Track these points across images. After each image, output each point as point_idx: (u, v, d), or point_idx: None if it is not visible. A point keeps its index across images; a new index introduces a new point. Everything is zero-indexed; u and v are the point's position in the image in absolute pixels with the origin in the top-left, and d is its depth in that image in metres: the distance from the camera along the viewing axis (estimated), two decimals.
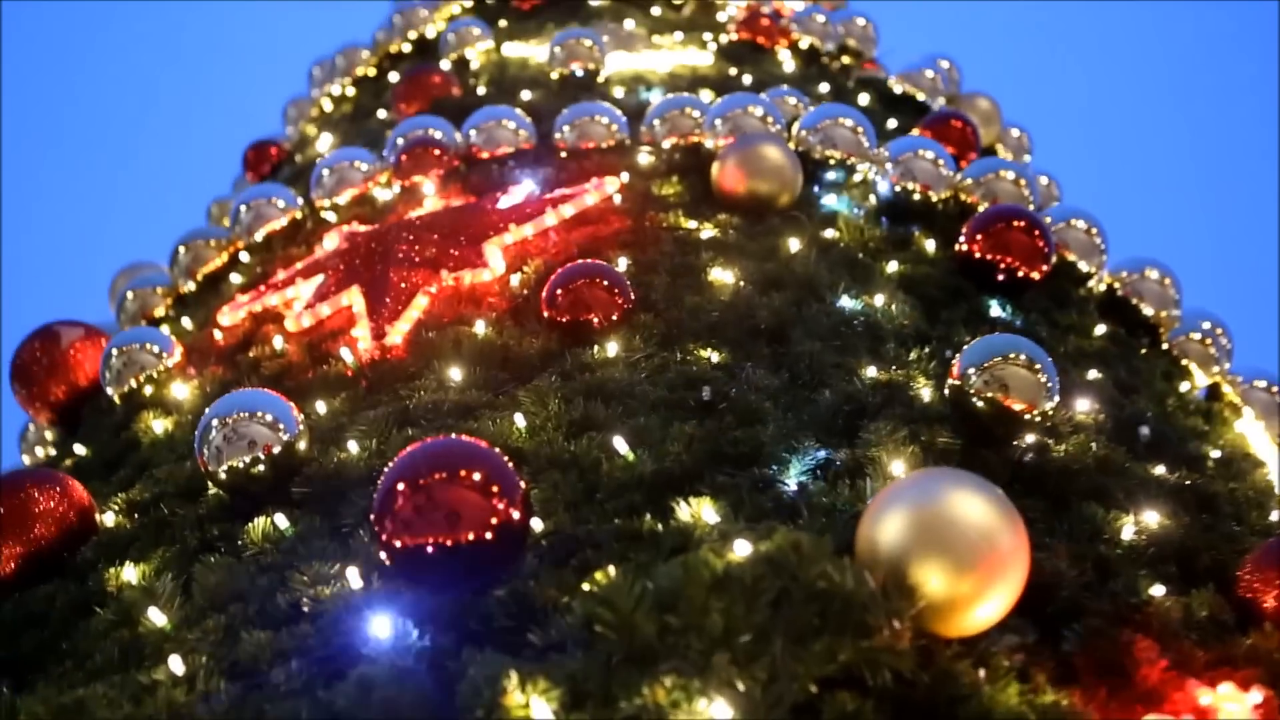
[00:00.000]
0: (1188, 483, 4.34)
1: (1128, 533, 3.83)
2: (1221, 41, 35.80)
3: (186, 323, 6.31)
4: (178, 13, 36.11)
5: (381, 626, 3.19)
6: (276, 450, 4.09)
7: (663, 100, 6.57)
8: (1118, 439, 4.53)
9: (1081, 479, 4.07)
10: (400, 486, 3.28)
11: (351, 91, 9.39)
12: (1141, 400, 5.06)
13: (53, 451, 6.06)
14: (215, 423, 4.11)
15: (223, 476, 4.11)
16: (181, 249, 6.93)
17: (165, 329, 6.11)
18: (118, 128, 35.15)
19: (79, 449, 5.46)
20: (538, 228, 5.53)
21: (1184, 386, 5.62)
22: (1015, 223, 5.41)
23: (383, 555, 3.32)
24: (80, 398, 5.94)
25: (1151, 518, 3.98)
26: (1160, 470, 4.41)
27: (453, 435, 3.54)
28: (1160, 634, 3.29)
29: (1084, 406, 4.69)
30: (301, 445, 4.15)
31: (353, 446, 4.21)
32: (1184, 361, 5.91)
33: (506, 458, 3.39)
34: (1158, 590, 3.53)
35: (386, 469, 3.34)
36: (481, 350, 4.72)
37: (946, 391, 4.23)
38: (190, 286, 6.85)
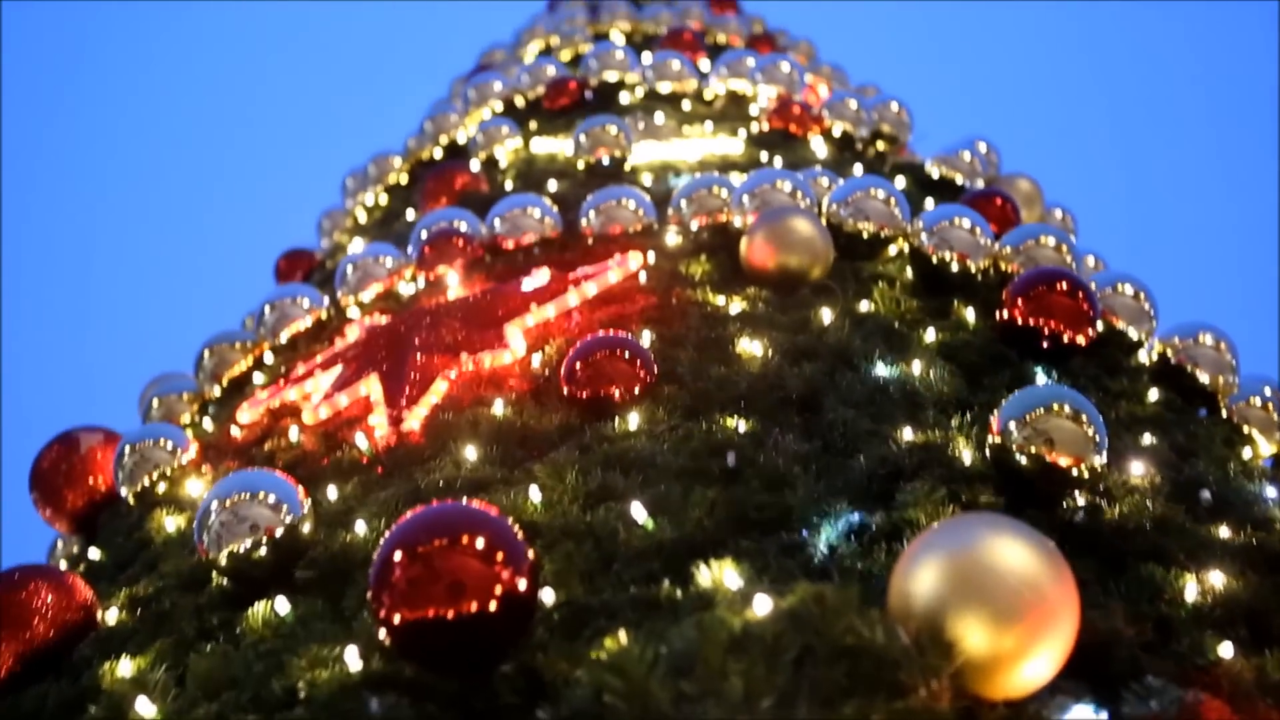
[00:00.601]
0: (1255, 543, 4.04)
1: (1191, 593, 3.55)
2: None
3: (209, 425, 6.15)
4: (216, 119, 37.10)
5: (380, 708, 2.96)
6: (279, 533, 3.89)
7: (690, 181, 6.42)
8: (1177, 501, 4.25)
9: (1138, 539, 3.80)
10: (397, 556, 3.06)
11: (384, 200, 9.34)
12: (1201, 464, 4.77)
13: (68, 563, 5.88)
14: (215, 505, 3.92)
15: (223, 562, 3.91)
16: (206, 353, 6.80)
17: (189, 433, 5.95)
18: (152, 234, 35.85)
19: (93, 553, 5.28)
20: (560, 307, 5.37)
21: (1247, 453, 5.30)
22: (1057, 285, 5.17)
23: (381, 632, 3.09)
24: (99, 505, 5.77)
25: (1217, 578, 3.69)
26: (1225, 532, 4.12)
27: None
28: (1231, 696, 3.01)
29: (1139, 470, 4.41)
30: (306, 528, 3.95)
31: (360, 528, 4.01)
32: (1245, 429, 5.60)
33: (514, 523, 3.18)
34: (1226, 651, 3.24)
35: (383, 538, 3.12)
36: (499, 429, 4.53)
37: (987, 450, 3.98)
38: (216, 391, 6.70)
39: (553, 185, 7.42)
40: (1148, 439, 4.76)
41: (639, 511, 3.64)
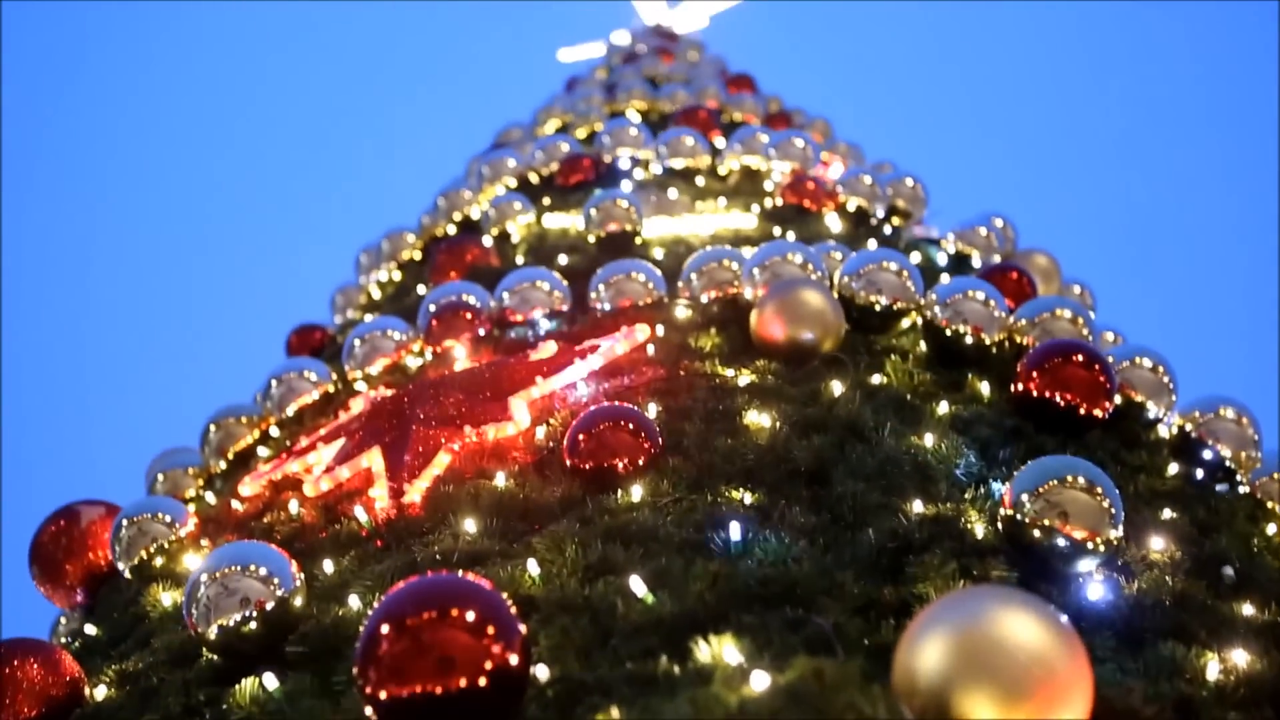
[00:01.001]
0: (1279, 621, 3.90)
1: (1213, 672, 3.42)
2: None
3: (211, 499, 6.07)
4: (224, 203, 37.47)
5: None
6: (270, 606, 3.77)
7: (700, 253, 6.35)
8: (1198, 577, 4.12)
9: (1157, 615, 3.68)
10: (385, 629, 2.95)
11: (398, 275, 9.31)
12: (1223, 540, 4.63)
13: (67, 639, 5.76)
14: (204, 578, 3.81)
15: (212, 636, 3.80)
16: (212, 427, 6.74)
17: (191, 508, 5.86)
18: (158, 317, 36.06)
19: (89, 629, 5.17)
20: (566, 380, 5.28)
21: (1271, 529, 5.16)
22: (1074, 357, 5.07)
23: (368, 709, 2.97)
24: (100, 579, 5.68)
25: (1240, 657, 3.56)
26: (1248, 610, 3.99)
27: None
28: None
29: (1158, 545, 4.29)
30: (298, 601, 3.84)
31: (354, 602, 3.90)
32: (1269, 504, 5.45)
33: (507, 597, 3.06)
34: None
35: (371, 610, 3.02)
36: (500, 501, 4.43)
37: (999, 522, 3.86)
38: (221, 466, 6.63)
39: (564, 259, 7.36)
40: (1167, 514, 4.65)
41: (638, 585, 3.53)
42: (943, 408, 5.05)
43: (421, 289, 8.06)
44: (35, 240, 35.30)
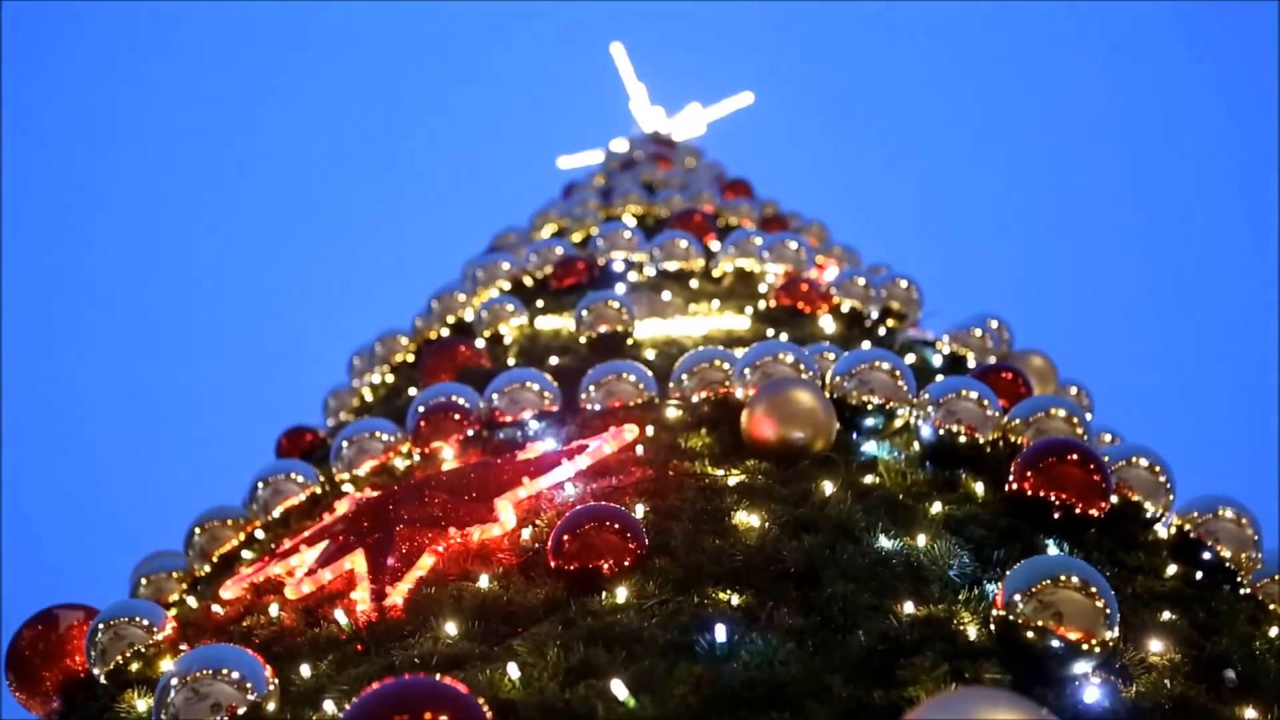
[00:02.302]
0: None
1: None
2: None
3: (193, 603, 5.95)
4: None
5: None
6: (242, 711, 3.67)
7: (691, 353, 6.31)
8: (1198, 680, 4.02)
9: None
10: None
11: (390, 378, 9.26)
12: (1224, 642, 4.52)
13: None
14: (175, 681, 3.71)
15: None
16: (197, 530, 6.64)
17: (172, 612, 5.75)
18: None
19: None
20: (553, 480, 5.21)
21: (1273, 631, 5.04)
22: (1069, 456, 4.99)
23: None
24: (77, 685, 5.53)
25: None
26: (1250, 714, 3.88)
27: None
28: None
29: (1157, 647, 4.18)
30: (271, 706, 3.74)
31: (328, 707, 3.79)
32: (1271, 606, 5.33)
33: (484, 702, 2.97)
34: None
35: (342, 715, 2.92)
36: (483, 604, 4.34)
37: (992, 624, 3.76)
38: (205, 569, 6.52)
39: (554, 360, 7.32)
40: (1166, 615, 4.55)
41: (619, 688, 3.43)
42: (936, 508, 4.98)
43: (413, 391, 8.01)
44: (29, 335, 35.49)
